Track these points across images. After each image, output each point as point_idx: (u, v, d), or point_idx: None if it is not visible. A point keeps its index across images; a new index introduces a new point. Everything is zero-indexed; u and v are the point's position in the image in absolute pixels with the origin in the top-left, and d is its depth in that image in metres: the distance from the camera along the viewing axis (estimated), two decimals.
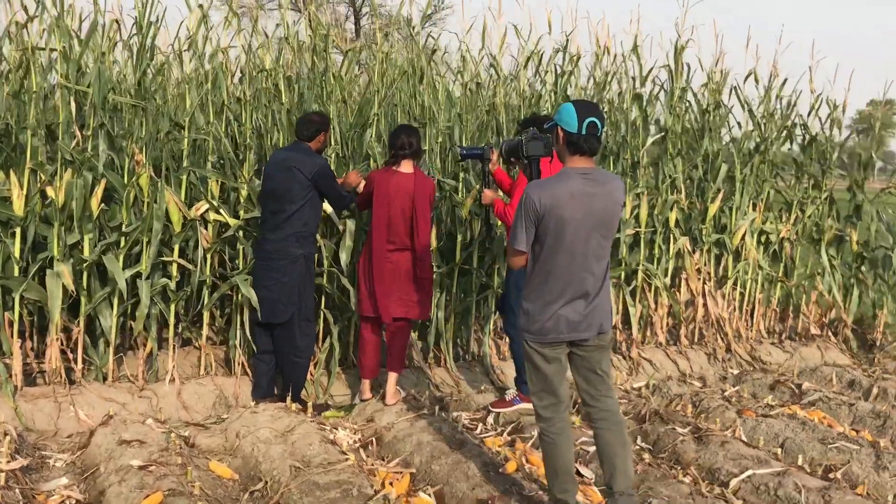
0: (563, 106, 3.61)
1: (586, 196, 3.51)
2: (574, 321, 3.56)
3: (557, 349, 3.62)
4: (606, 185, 3.59)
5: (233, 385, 5.48)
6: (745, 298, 7.56)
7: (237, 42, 6.02)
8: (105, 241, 5.10)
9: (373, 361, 5.50)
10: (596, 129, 3.53)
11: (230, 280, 5.35)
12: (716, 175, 7.21)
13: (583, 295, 3.57)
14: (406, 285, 5.35)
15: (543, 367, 3.64)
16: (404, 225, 5.27)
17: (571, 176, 3.54)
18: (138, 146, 5.12)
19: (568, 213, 3.47)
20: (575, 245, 3.51)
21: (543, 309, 3.56)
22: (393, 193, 5.21)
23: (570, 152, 3.57)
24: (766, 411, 5.58)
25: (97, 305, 5.14)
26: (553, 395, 3.67)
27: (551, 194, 3.49)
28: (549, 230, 3.50)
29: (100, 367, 5.27)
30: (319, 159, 5.20)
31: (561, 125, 3.57)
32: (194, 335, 5.98)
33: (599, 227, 3.56)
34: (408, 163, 5.28)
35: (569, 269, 3.53)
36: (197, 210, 5.34)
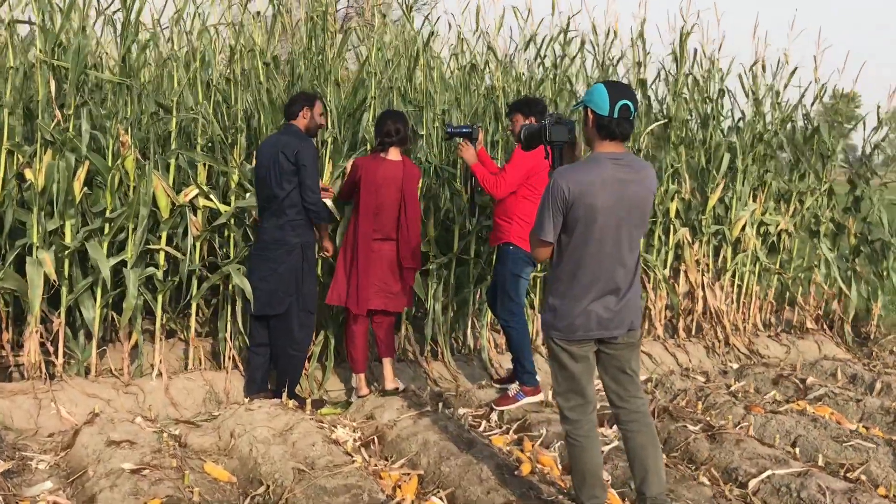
0: (595, 87, 3.39)
1: (618, 183, 3.30)
2: (605, 318, 3.35)
3: (586, 347, 3.41)
4: (640, 171, 3.39)
5: (223, 380, 5.21)
6: (742, 290, 7.42)
7: (226, 18, 5.73)
8: (88, 228, 4.80)
9: (364, 354, 5.29)
10: (629, 113, 3.30)
11: (222, 269, 5.07)
12: (718, 164, 7.04)
13: (614, 290, 3.36)
14: (388, 276, 5.17)
15: (571, 367, 3.42)
16: (392, 214, 5.08)
17: (602, 161, 3.32)
18: (123, 127, 4.81)
19: (599, 201, 3.25)
20: (605, 235, 3.30)
21: (572, 304, 3.35)
22: (381, 182, 5.00)
23: (601, 136, 3.34)
24: (774, 407, 5.44)
25: (79, 296, 4.84)
26: (581, 395, 3.46)
27: (580, 181, 3.26)
28: (578, 219, 3.27)
29: (82, 361, 4.97)
30: (305, 140, 4.91)
31: (591, 107, 3.33)
32: (180, 327, 5.71)
33: (632, 216, 3.35)
34: (395, 150, 5.06)
35: (599, 261, 3.31)
36: (186, 195, 5.05)
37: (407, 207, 5.09)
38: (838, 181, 7.76)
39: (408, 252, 5.16)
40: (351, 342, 5.24)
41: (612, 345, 3.44)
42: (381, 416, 4.84)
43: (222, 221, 5.13)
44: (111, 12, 5.06)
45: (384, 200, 5.04)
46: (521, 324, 5.30)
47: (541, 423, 4.79)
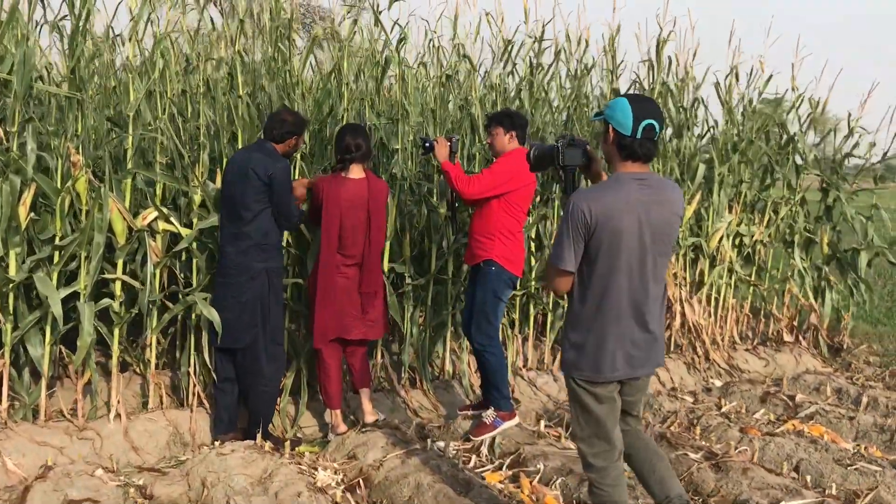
0: (617, 101, 3.08)
1: (644, 205, 3.01)
2: (634, 356, 3.07)
3: (611, 387, 3.12)
4: (665, 192, 3.11)
5: (187, 419, 4.77)
6: (718, 304, 7.25)
7: (181, 26, 5.30)
8: (35, 257, 4.32)
9: (339, 387, 4.93)
10: (653, 133, 3.01)
11: (186, 299, 4.64)
12: (693, 174, 6.85)
13: (642, 324, 3.08)
14: (361, 304, 4.81)
15: (596, 410, 3.12)
16: (361, 237, 4.74)
17: (625, 182, 3.03)
18: (74, 145, 4.35)
19: (624, 224, 2.97)
20: (632, 264, 3.01)
21: (599, 342, 3.04)
22: (345, 204, 4.65)
23: (622, 157, 3.06)
24: (770, 429, 5.24)
25: (25, 332, 4.36)
26: (606, 440, 3.15)
27: (603, 203, 2.97)
28: (601, 246, 2.98)
29: (29, 405, 4.48)
30: (280, 161, 4.54)
31: (612, 124, 3.05)
32: (135, 360, 5.24)
33: (658, 242, 3.07)
34: (357, 167, 4.72)
35: (626, 292, 3.02)
36: (144, 219, 4.60)
37: (372, 227, 4.75)
38: (811, 188, 7.66)
39: (369, 274, 4.82)
40: (325, 375, 4.86)
41: (631, 384, 3.17)
42: (364, 455, 4.47)
43: (184, 246, 4.70)
44: (58, 19, 4.57)
45: (350, 224, 4.69)
46: (497, 348, 5.02)
47: (536, 458, 4.48)
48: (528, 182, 4.89)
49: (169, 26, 4.83)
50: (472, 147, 5.75)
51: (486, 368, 5.02)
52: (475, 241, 4.91)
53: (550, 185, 6.11)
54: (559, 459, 4.45)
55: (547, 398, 5.88)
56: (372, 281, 4.78)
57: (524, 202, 4.93)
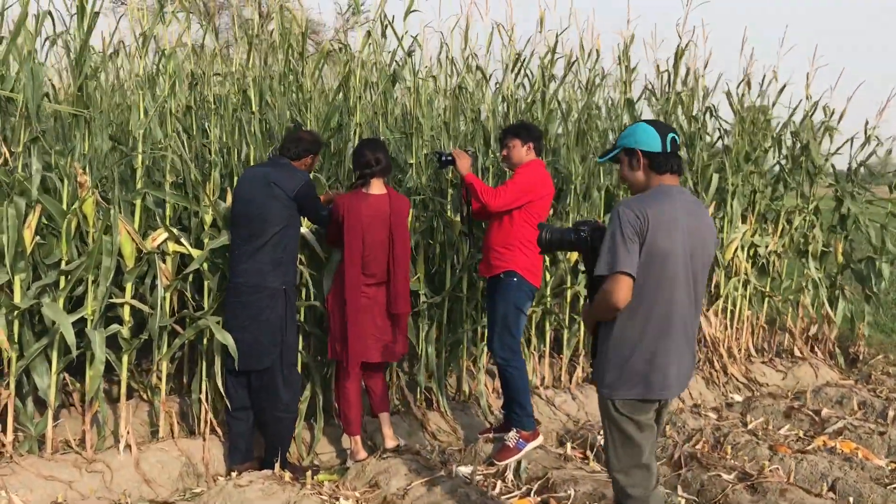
0: (636, 126, 3.10)
1: (689, 217, 2.94)
2: (681, 373, 2.94)
3: (654, 408, 2.97)
4: (702, 208, 3.07)
5: (200, 449, 4.57)
6: (734, 316, 7.11)
7: (186, 40, 5.14)
8: (41, 283, 4.14)
9: (359, 412, 4.74)
10: (678, 146, 3.02)
11: (198, 323, 4.45)
12: (707, 185, 6.73)
13: (688, 340, 2.97)
14: (383, 325, 4.64)
15: (637, 438, 2.96)
16: (383, 255, 4.57)
17: (672, 192, 2.96)
18: (81, 165, 4.17)
19: (676, 234, 2.87)
20: (681, 276, 2.89)
21: (649, 358, 2.90)
22: (367, 221, 4.48)
23: (659, 173, 3.01)
24: (801, 446, 5.09)
25: (31, 361, 4.16)
26: (646, 468, 3.00)
27: (657, 210, 2.87)
28: (652, 255, 2.84)
29: (35, 436, 4.28)
30: (302, 174, 4.44)
31: (640, 147, 3.01)
32: (142, 387, 5.04)
33: (702, 256, 2.98)
34: (378, 182, 4.56)
35: (676, 305, 2.90)
36: (154, 240, 4.42)
37: (396, 244, 4.59)
38: (825, 198, 7.56)
39: (398, 296, 4.64)
40: (344, 400, 4.68)
41: (665, 405, 3.06)
42: (387, 483, 4.29)
43: (195, 267, 4.52)
44: (59, 35, 4.39)
45: (373, 241, 4.52)
46: (521, 363, 4.91)
47: (566, 483, 4.30)
48: (548, 193, 4.84)
49: (174, 42, 4.66)
50: (485, 160, 5.60)
51: (508, 384, 4.88)
52: (494, 253, 4.79)
53: (564, 197, 5.98)
54: (590, 484, 4.28)
55: (567, 417, 5.71)
56: (402, 302, 4.61)
57: (544, 213, 4.85)
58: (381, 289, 4.61)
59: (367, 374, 4.76)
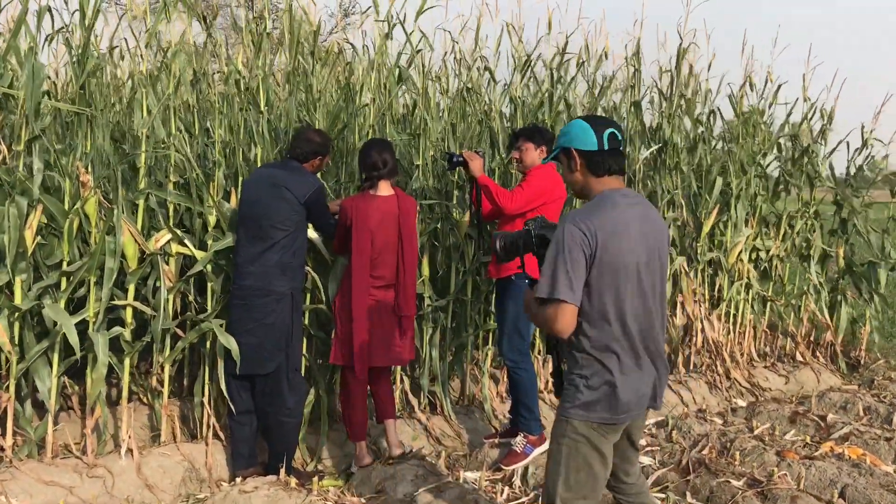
0: (572, 124, 2.91)
1: (638, 222, 2.78)
2: (646, 393, 2.84)
3: (616, 433, 2.86)
4: (650, 208, 2.90)
5: (203, 453, 4.49)
6: (737, 320, 7.08)
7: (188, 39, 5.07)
8: (42, 284, 4.05)
9: (365, 418, 4.67)
10: (618, 142, 2.83)
11: (201, 326, 4.38)
12: (710, 188, 6.69)
13: (654, 351, 2.85)
14: (391, 328, 4.57)
15: (596, 467, 2.82)
16: (392, 256, 4.50)
17: (615, 199, 2.78)
18: (84, 164, 4.09)
19: (625, 243, 2.71)
20: (635, 287, 2.76)
21: (620, 379, 2.76)
22: (376, 222, 4.42)
23: (597, 175, 2.84)
24: (808, 452, 5.05)
25: (32, 363, 4.08)
26: (594, 500, 2.87)
27: (603, 221, 2.70)
28: (604, 270, 2.69)
29: (34, 440, 4.19)
30: (314, 179, 4.38)
31: (574, 146, 2.84)
32: (142, 389, 4.97)
33: (657, 262, 2.84)
34: (385, 184, 4.50)
35: (636, 318, 2.77)
36: (157, 241, 4.34)
37: (405, 247, 4.52)
38: (825, 202, 7.53)
39: (405, 299, 4.58)
40: (349, 405, 4.60)
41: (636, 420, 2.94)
42: (393, 489, 4.23)
43: (199, 269, 4.44)
44: (57, 32, 4.31)
45: (382, 242, 4.46)
46: (529, 365, 4.88)
47: None
48: (561, 196, 4.79)
49: (176, 40, 4.58)
50: (491, 162, 5.55)
51: (517, 387, 4.84)
52: None
53: (571, 201, 5.92)
54: None
55: None
56: (408, 304, 4.54)
57: (555, 216, 4.79)
58: (388, 291, 4.54)
59: (374, 379, 4.70)
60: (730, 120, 7.16)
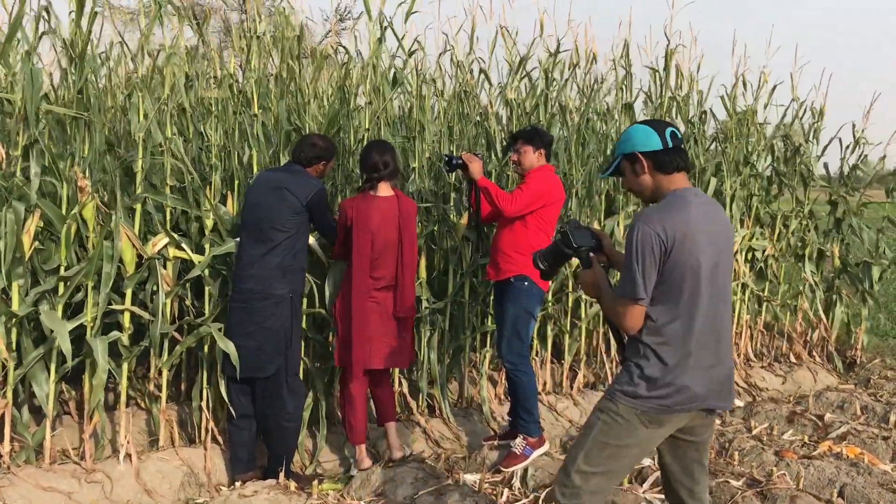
0: (631, 129, 2.94)
1: (710, 223, 2.81)
2: (713, 389, 2.84)
3: (675, 423, 2.87)
4: (718, 208, 2.93)
5: (201, 457, 4.48)
6: (733, 321, 7.09)
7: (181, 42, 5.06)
8: (39, 289, 4.03)
9: (365, 421, 4.66)
10: (679, 139, 2.87)
11: (199, 330, 4.37)
12: (705, 189, 6.70)
13: (721, 353, 2.86)
14: (391, 329, 4.56)
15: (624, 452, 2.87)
16: (392, 257, 4.49)
17: (688, 198, 2.82)
18: (81, 168, 4.08)
19: (700, 244, 2.75)
20: (708, 287, 2.78)
21: (679, 373, 2.79)
22: (376, 223, 4.41)
23: (668, 172, 2.86)
24: (806, 451, 5.06)
25: (29, 369, 4.06)
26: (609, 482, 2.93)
27: (678, 222, 2.74)
28: (679, 269, 2.74)
29: (32, 447, 4.17)
30: (316, 181, 4.39)
31: (639, 150, 2.87)
32: (140, 394, 4.95)
33: (726, 263, 2.87)
34: (385, 185, 4.50)
35: (706, 318, 2.79)
36: (154, 246, 4.33)
37: (404, 248, 4.52)
38: (819, 201, 7.56)
39: (404, 299, 4.58)
40: (349, 408, 4.60)
41: (702, 424, 2.93)
42: (393, 492, 4.22)
43: (197, 273, 4.43)
44: (58, 34, 4.29)
45: (382, 243, 4.45)
46: (528, 367, 4.88)
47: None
48: (561, 198, 4.79)
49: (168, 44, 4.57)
50: (488, 164, 5.55)
51: (516, 389, 4.84)
52: (504, 256, 4.73)
53: (568, 203, 5.94)
54: None
55: (569, 424, 5.66)
56: (406, 305, 4.54)
57: (555, 218, 4.81)
58: (388, 293, 4.54)
59: (374, 382, 4.69)
60: (723, 120, 7.19)
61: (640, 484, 4.49)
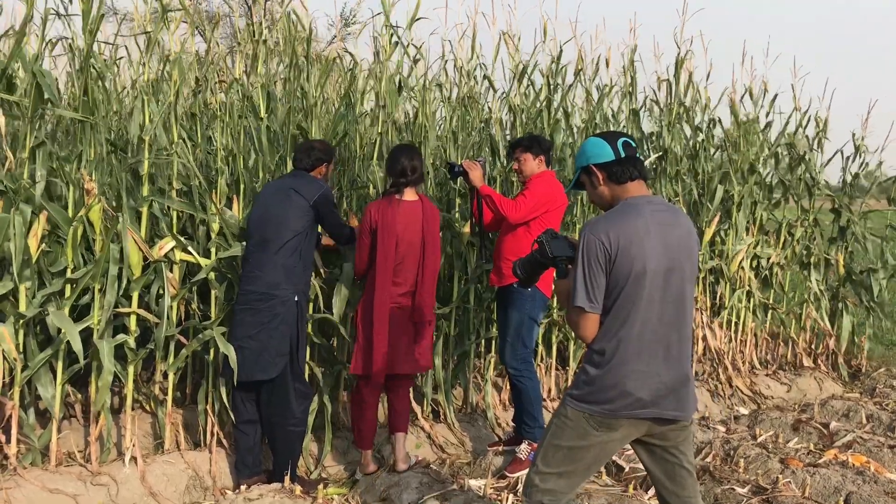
0: (585, 143, 2.98)
1: (662, 228, 2.80)
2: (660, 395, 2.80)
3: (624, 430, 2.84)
4: (678, 215, 2.91)
5: (207, 461, 4.48)
6: (739, 328, 7.08)
7: (190, 47, 5.09)
8: (46, 291, 4.04)
9: (374, 428, 4.65)
10: (634, 149, 2.89)
11: (204, 334, 4.37)
12: (712, 196, 6.71)
13: (670, 359, 2.81)
14: (413, 334, 4.56)
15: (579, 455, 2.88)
16: (415, 262, 4.48)
17: (639, 206, 2.82)
18: (87, 171, 4.09)
19: (647, 250, 2.74)
20: (655, 293, 2.77)
21: (619, 379, 2.78)
22: (402, 227, 4.41)
23: (620, 182, 2.88)
24: (812, 459, 5.04)
25: (36, 371, 4.07)
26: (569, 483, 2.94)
27: (623, 229, 2.75)
28: (623, 276, 2.74)
29: (38, 449, 4.18)
30: (322, 182, 4.42)
31: (593, 163, 2.91)
32: (145, 397, 4.95)
33: (684, 267, 2.84)
34: (411, 190, 4.49)
35: (650, 324, 2.78)
36: (161, 249, 4.34)
37: (427, 253, 4.50)
38: (823, 210, 7.56)
39: (424, 305, 4.55)
40: (359, 414, 4.58)
41: (667, 434, 2.90)
42: (398, 497, 4.22)
43: (203, 277, 4.44)
44: (67, 38, 4.33)
45: (406, 249, 4.44)
46: (533, 373, 4.88)
47: (579, 497, 4.24)
48: (563, 203, 4.80)
49: (177, 47, 4.59)
50: (492, 170, 5.56)
51: (520, 395, 4.83)
52: (507, 262, 4.74)
53: (570, 208, 5.94)
54: (603, 498, 4.22)
55: None
56: (426, 310, 4.53)
57: (558, 223, 4.82)
58: (409, 298, 4.51)
59: (392, 388, 4.66)
60: (727, 128, 7.19)
61: (645, 490, 4.48)
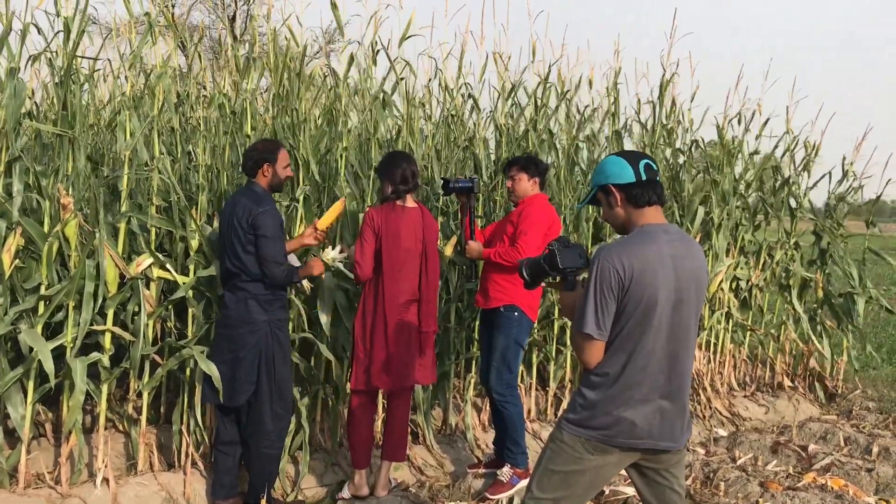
0: (605, 161, 2.91)
1: (675, 259, 2.76)
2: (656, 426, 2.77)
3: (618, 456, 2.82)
4: (692, 245, 2.87)
5: (181, 483, 4.38)
6: (717, 350, 7.09)
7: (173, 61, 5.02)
8: (18, 308, 3.94)
9: (370, 445, 4.59)
10: (654, 172, 2.84)
11: (182, 352, 4.29)
12: (693, 217, 6.72)
13: (670, 390, 2.78)
14: (413, 347, 4.47)
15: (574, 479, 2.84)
16: (412, 270, 4.43)
17: (655, 234, 2.78)
18: (65, 186, 4.01)
19: (660, 280, 2.71)
20: (663, 323, 2.73)
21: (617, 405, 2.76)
22: (405, 234, 4.36)
23: (638, 206, 2.83)
24: (791, 483, 5.04)
25: (5, 391, 3.96)
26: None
27: (639, 257, 2.71)
28: (634, 304, 2.70)
29: (6, 470, 4.06)
30: (265, 205, 4.08)
31: (612, 182, 2.84)
32: (116, 417, 4.84)
33: (692, 298, 2.81)
34: (410, 197, 4.47)
35: (656, 355, 2.74)
36: (138, 265, 4.26)
37: (429, 260, 4.45)
38: (805, 233, 7.60)
39: (428, 314, 4.47)
40: (354, 430, 4.50)
41: (661, 458, 2.87)
42: None
43: (181, 295, 4.36)
44: (46, 52, 4.24)
45: (406, 255, 4.39)
46: (516, 398, 4.83)
47: None
48: (558, 229, 4.75)
49: (158, 63, 4.52)
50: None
51: (503, 420, 4.78)
52: (494, 285, 4.69)
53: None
54: None
55: None
56: (431, 320, 4.46)
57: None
58: (410, 308, 4.44)
59: (392, 407, 4.60)
60: (709, 150, 7.22)
61: None
